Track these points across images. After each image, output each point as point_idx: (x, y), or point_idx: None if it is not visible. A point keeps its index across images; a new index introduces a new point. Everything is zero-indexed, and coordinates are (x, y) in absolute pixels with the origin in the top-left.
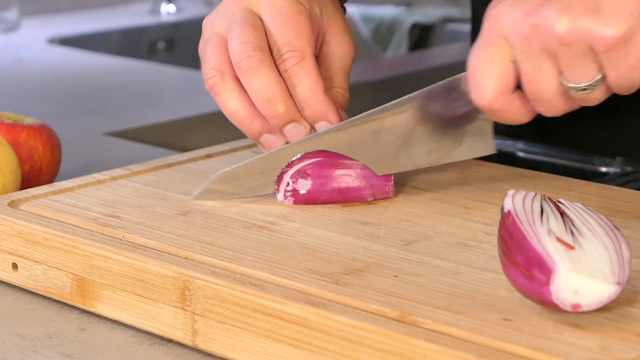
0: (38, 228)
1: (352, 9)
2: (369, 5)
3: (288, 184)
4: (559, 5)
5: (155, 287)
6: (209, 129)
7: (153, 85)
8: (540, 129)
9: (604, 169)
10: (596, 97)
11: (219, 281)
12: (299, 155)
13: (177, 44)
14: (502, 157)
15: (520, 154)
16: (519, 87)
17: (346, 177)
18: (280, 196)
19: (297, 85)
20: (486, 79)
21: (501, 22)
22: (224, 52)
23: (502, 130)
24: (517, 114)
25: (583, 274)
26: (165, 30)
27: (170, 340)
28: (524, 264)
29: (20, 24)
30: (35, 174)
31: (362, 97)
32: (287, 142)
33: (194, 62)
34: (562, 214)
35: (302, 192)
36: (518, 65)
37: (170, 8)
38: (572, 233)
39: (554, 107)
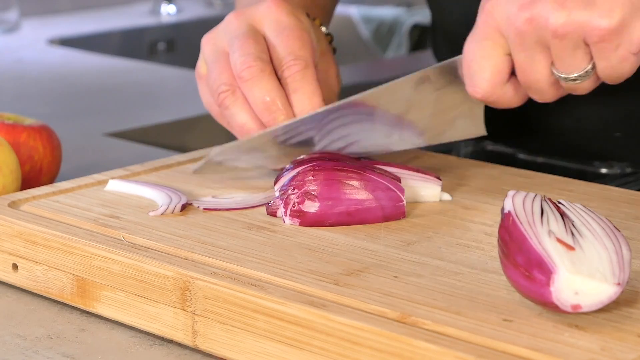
0: (38, 228)
1: (352, 10)
2: (369, 5)
3: (294, 205)
4: None
5: (155, 288)
6: (209, 129)
7: (153, 86)
8: (542, 139)
9: (604, 170)
10: (585, 87)
11: (219, 282)
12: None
13: (177, 44)
14: (502, 158)
15: (521, 155)
16: (513, 73)
17: (356, 198)
18: (287, 220)
19: (297, 91)
20: (481, 72)
21: (496, 15)
22: (231, 68)
23: (502, 138)
24: (510, 100)
25: (583, 274)
26: (166, 31)
27: (170, 341)
28: (524, 265)
29: (20, 25)
30: (36, 174)
31: None
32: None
33: (194, 62)
34: (563, 215)
35: (309, 213)
36: (512, 57)
37: (171, 9)
38: (573, 234)
39: (545, 94)
